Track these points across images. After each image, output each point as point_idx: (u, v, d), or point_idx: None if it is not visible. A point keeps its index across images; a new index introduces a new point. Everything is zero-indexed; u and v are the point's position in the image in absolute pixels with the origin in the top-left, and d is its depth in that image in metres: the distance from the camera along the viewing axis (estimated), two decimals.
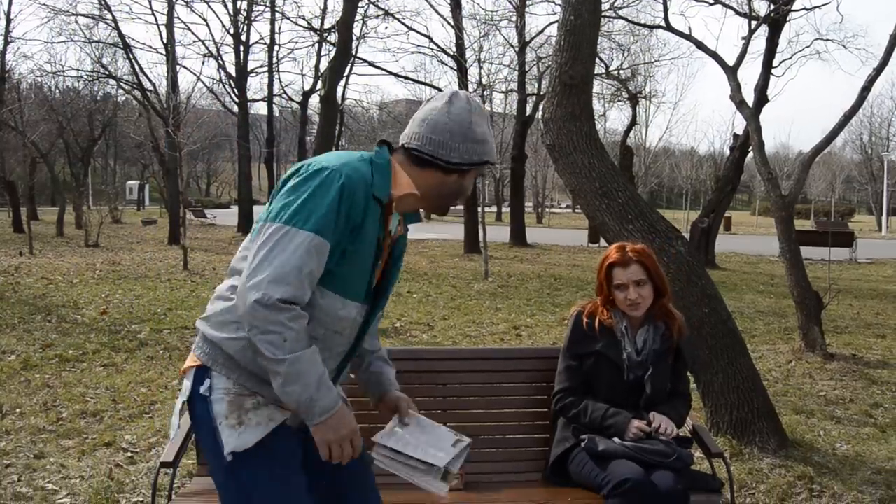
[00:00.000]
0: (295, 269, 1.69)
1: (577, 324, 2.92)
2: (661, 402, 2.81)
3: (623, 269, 2.81)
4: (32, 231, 19.93)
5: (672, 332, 2.85)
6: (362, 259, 1.84)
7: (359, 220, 1.79)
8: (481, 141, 1.92)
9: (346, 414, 1.78)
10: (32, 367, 6.43)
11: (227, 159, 74.29)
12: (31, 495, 3.78)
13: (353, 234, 1.79)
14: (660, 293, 2.85)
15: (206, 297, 11.00)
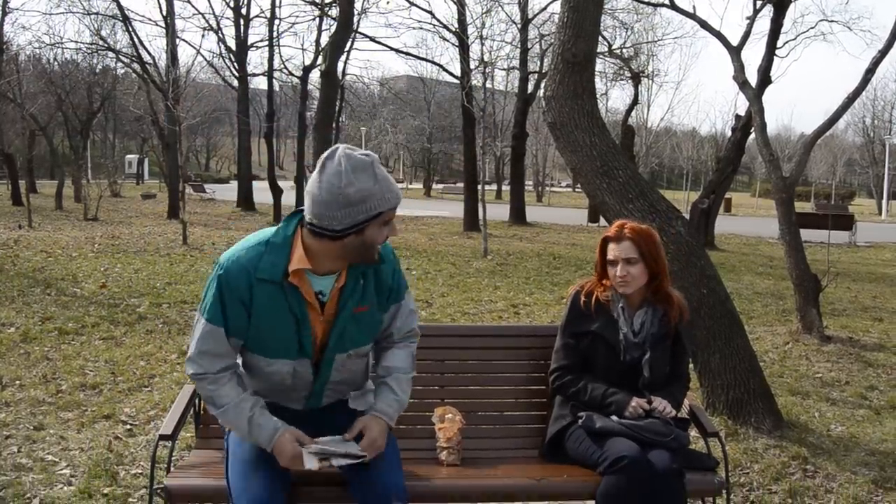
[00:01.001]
0: (197, 352, 2.22)
1: (574, 302, 2.92)
2: (659, 384, 2.82)
3: (616, 244, 2.82)
4: (31, 204, 19.89)
5: (671, 316, 2.84)
6: (272, 327, 2.18)
7: (246, 300, 2.15)
8: (360, 201, 2.06)
9: (285, 445, 2.18)
10: (32, 340, 6.45)
11: (226, 134, 74.02)
12: (31, 466, 3.81)
13: (249, 311, 2.16)
14: (654, 276, 2.83)
15: (204, 271, 11.02)
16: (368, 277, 2.28)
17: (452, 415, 2.81)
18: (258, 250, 2.20)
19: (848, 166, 64.36)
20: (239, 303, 2.16)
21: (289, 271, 2.16)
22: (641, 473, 2.45)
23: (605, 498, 2.47)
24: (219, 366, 2.23)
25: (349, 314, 2.24)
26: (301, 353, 2.23)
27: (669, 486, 2.46)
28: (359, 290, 2.25)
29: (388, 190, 2.10)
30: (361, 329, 2.31)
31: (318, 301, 2.23)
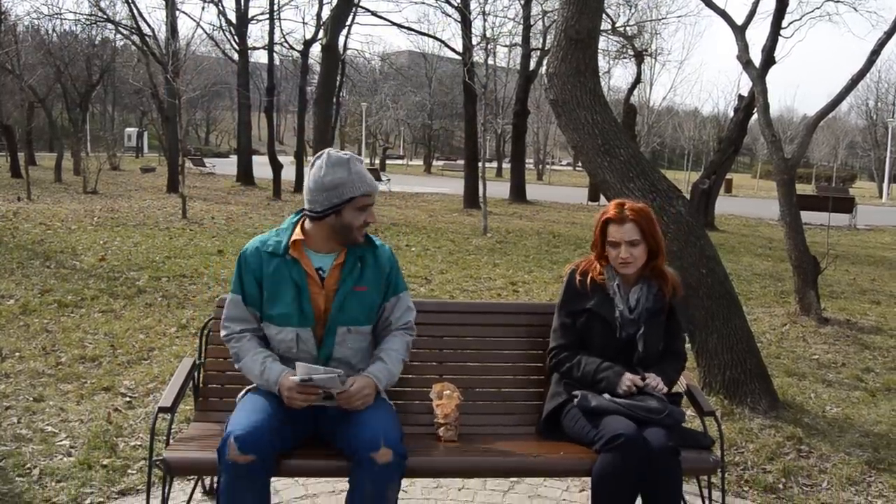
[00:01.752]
0: (225, 318, 2.70)
1: (570, 282, 2.92)
2: (654, 360, 2.83)
3: (618, 226, 2.80)
4: (30, 176, 19.82)
5: (665, 292, 2.85)
6: (277, 295, 2.59)
7: (259, 273, 2.61)
8: (335, 186, 2.53)
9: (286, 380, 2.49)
10: (31, 312, 6.46)
11: (226, 108, 73.59)
12: (31, 437, 3.83)
13: (261, 283, 2.61)
14: (653, 254, 2.84)
15: (204, 245, 11.01)
16: (367, 261, 2.66)
17: (450, 391, 2.82)
18: (270, 234, 2.69)
19: (850, 149, 64.15)
20: (252, 277, 2.62)
21: (289, 246, 2.59)
22: (637, 451, 2.46)
23: (600, 475, 2.49)
24: (240, 327, 2.66)
25: (349, 289, 2.60)
26: (302, 320, 2.57)
27: (665, 464, 2.48)
28: (357, 271, 2.63)
29: (359, 180, 2.55)
30: (360, 307, 2.63)
31: (319, 276, 2.61)
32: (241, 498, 2.35)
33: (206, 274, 8.65)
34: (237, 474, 2.33)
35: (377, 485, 2.37)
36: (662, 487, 2.48)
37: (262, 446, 2.35)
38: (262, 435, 2.36)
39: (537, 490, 3.46)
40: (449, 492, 3.42)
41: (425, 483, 3.47)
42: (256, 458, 2.33)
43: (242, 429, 2.35)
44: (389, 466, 2.36)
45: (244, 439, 2.32)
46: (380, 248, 2.72)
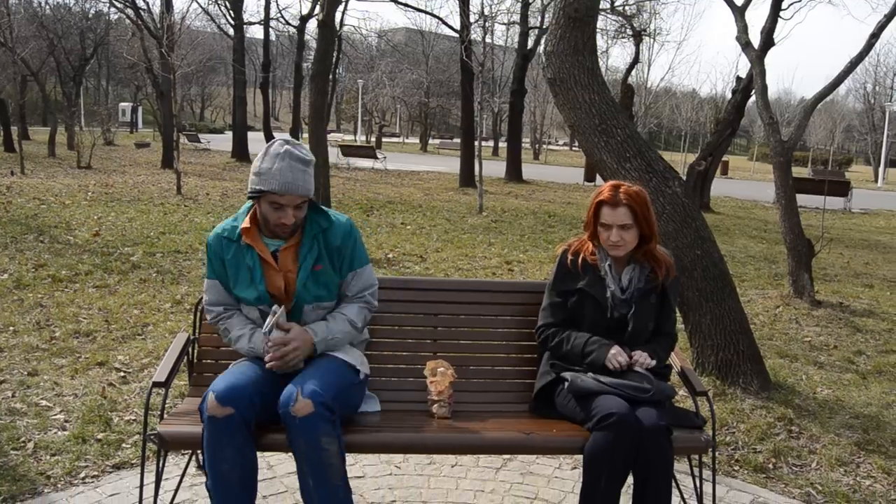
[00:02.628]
0: (207, 301, 2.81)
1: (562, 261, 2.92)
2: (643, 340, 2.84)
3: (611, 209, 2.79)
4: (24, 151, 19.69)
5: (658, 273, 2.85)
6: (237, 277, 2.71)
7: (222, 257, 2.72)
8: (257, 173, 2.58)
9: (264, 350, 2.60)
10: (25, 287, 6.45)
11: (221, 83, 73.06)
12: (26, 411, 3.84)
13: (225, 266, 2.72)
14: (645, 239, 2.83)
15: (199, 221, 10.98)
16: (320, 240, 2.70)
17: (444, 368, 2.83)
18: (230, 220, 2.77)
19: (847, 132, 64.12)
20: (219, 261, 2.73)
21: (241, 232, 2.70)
22: (629, 430, 2.48)
23: (592, 454, 2.50)
24: (222, 307, 2.78)
25: (309, 269, 2.67)
26: (260, 300, 2.68)
27: (657, 443, 2.49)
28: (315, 251, 2.69)
29: (275, 177, 2.53)
30: (320, 285, 2.70)
31: (275, 258, 2.70)
32: (222, 452, 2.39)
33: (200, 250, 8.63)
34: (216, 428, 2.38)
35: (307, 439, 2.37)
36: (654, 466, 2.50)
37: (240, 400, 2.40)
38: (240, 390, 2.43)
39: (529, 467, 3.49)
40: (442, 468, 3.44)
41: (418, 459, 3.49)
42: (235, 411, 2.38)
43: (221, 384, 2.45)
44: (312, 418, 2.37)
45: (222, 392, 2.40)
46: (335, 224, 2.73)
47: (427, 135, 56.80)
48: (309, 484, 2.41)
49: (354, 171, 25.86)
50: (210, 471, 2.42)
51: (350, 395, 2.65)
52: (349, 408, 2.66)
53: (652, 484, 2.51)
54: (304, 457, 2.40)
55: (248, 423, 2.42)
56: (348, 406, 2.64)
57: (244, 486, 2.44)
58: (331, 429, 2.40)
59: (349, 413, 2.67)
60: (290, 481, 3.23)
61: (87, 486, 3.13)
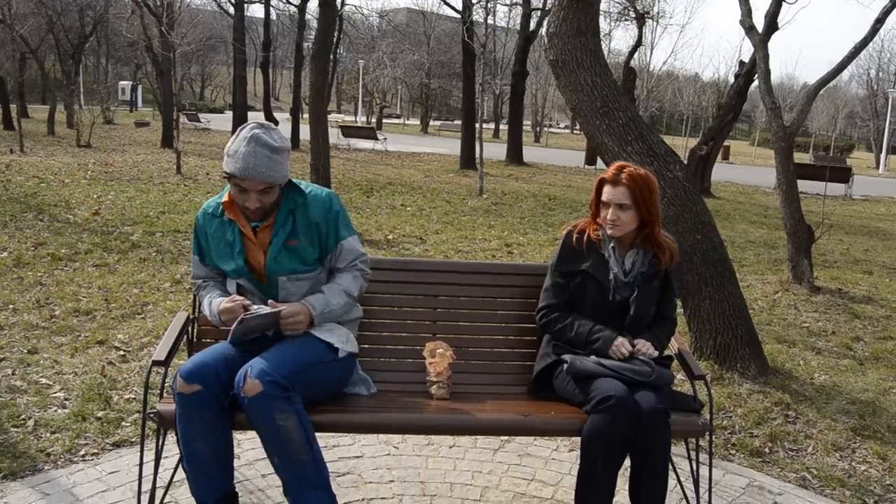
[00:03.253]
0: (192, 275, 2.91)
1: (566, 242, 2.91)
2: (644, 324, 2.84)
3: (612, 187, 2.81)
4: (23, 129, 19.61)
5: (661, 258, 2.85)
6: (218, 250, 2.76)
7: (205, 231, 2.79)
8: (226, 154, 2.59)
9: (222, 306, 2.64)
10: (25, 265, 6.45)
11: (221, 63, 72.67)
12: (26, 388, 3.85)
13: (209, 241, 2.78)
14: (644, 223, 2.82)
15: (198, 201, 10.96)
16: (298, 215, 2.70)
17: (443, 350, 2.83)
18: (215, 198, 2.81)
19: (849, 119, 63.88)
20: (204, 236, 2.80)
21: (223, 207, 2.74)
22: (627, 413, 2.49)
23: (590, 436, 2.51)
24: (201, 280, 2.87)
25: (280, 243, 2.68)
26: (239, 273, 2.72)
27: (654, 426, 2.50)
28: (288, 225, 2.69)
29: (237, 160, 2.53)
30: (293, 258, 2.70)
31: (255, 232, 2.72)
32: (192, 429, 2.42)
33: None
34: (185, 405, 2.42)
35: (262, 418, 2.39)
36: (651, 449, 2.51)
37: (207, 377, 2.44)
38: (207, 367, 2.47)
39: (527, 449, 3.50)
40: (440, 449, 3.46)
41: (416, 440, 3.51)
42: (202, 388, 2.42)
43: (189, 363, 2.49)
44: (261, 397, 2.37)
45: (189, 370, 2.44)
46: (310, 199, 2.72)
47: (428, 116, 56.59)
48: (275, 462, 2.44)
49: (354, 153, 25.79)
50: (184, 450, 2.46)
51: (319, 373, 2.59)
52: (319, 384, 2.60)
53: (649, 466, 2.53)
54: (264, 436, 2.42)
55: (218, 399, 2.45)
56: (317, 382, 2.57)
57: (218, 463, 2.47)
58: (285, 405, 2.39)
59: (326, 391, 2.65)
60: None
61: (86, 463, 3.15)
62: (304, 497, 2.42)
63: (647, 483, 2.54)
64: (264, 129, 2.60)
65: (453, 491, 3.09)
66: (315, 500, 2.42)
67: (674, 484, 3.08)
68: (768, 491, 3.25)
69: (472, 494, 3.07)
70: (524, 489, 3.13)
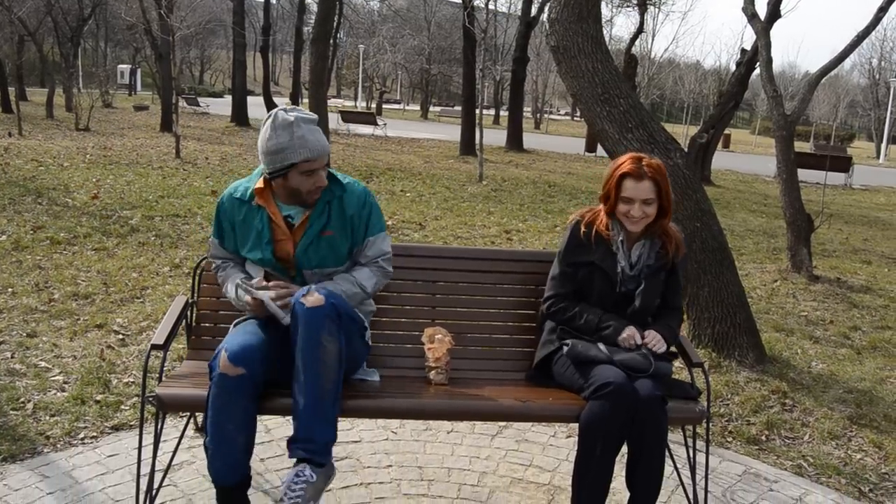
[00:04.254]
0: (210, 255, 2.87)
1: (574, 232, 2.87)
2: (648, 315, 2.83)
3: (635, 182, 2.71)
4: (21, 112, 19.54)
5: (668, 250, 2.83)
6: (245, 238, 2.71)
7: (233, 218, 2.73)
8: (276, 151, 2.52)
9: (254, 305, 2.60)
10: (24, 249, 6.44)
11: (221, 46, 72.30)
12: (25, 371, 3.86)
13: (235, 226, 2.73)
14: (663, 212, 2.78)
15: (198, 185, 10.94)
16: (334, 206, 2.67)
17: (442, 335, 2.84)
18: (243, 181, 2.76)
19: (850, 108, 63.73)
20: (228, 222, 2.74)
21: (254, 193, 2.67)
22: (626, 399, 2.49)
23: (588, 422, 2.52)
24: (222, 260, 2.84)
25: (315, 234, 2.65)
26: (267, 263, 2.68)
27: (652, 412, 2.51)
28: (325, 216, 2.66)
29: (301, 146, 2.51)
30: (326, 251, 2.67)
31: (287, 223, 2.67)
32: (228, 410, 2.37)
33: (199, 214, 8.61)
34: (226, 387, 2.36)
35: (308, 330, 2.37)
36: (648, 436, 2.52)
37: (252, 362, 2.38)
38: (253, 351, 2.41)
39: (525, 435, 3.52)
40: (438, 434, 3.47)
41: (415, 425, 3.52)
42: (246, 371, 2.36)
43: (235, 343, 2.42)
44: (318, 311, 2.37)
45: (236, 352, 2.38)
46: (348, 191, 2.69)
47: (428, 102, 56.40)
48: (300, 380, 2.37)
49: (354, 138, 25.72)
50: (213, 429, 2.37)
51: (355, 342, 2.63)
52: (351, 350, 2.59)
53: (646, 453, 2.54)
54: (302, 350, 2.37)
55: (257, 385, 2.41)
56: (350, 348, 2.57)
57: (246, 449, 2.44)
58: (335, 328, 2.39)
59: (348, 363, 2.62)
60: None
61: (86, 446, 3.16)
62: (316, 426, 2.36)
63: (644, 469, 2.55)
64: (296, 108, 2.58)
65: (451, 476, 3.10)
66: (323, 433, 2.37)
67: (670, 471, 3.09)
68: (764, 478, 3.27)
69: (470, 479, 3.08)
70: (521, 475, 3.15)
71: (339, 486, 2.96)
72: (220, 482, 2.43)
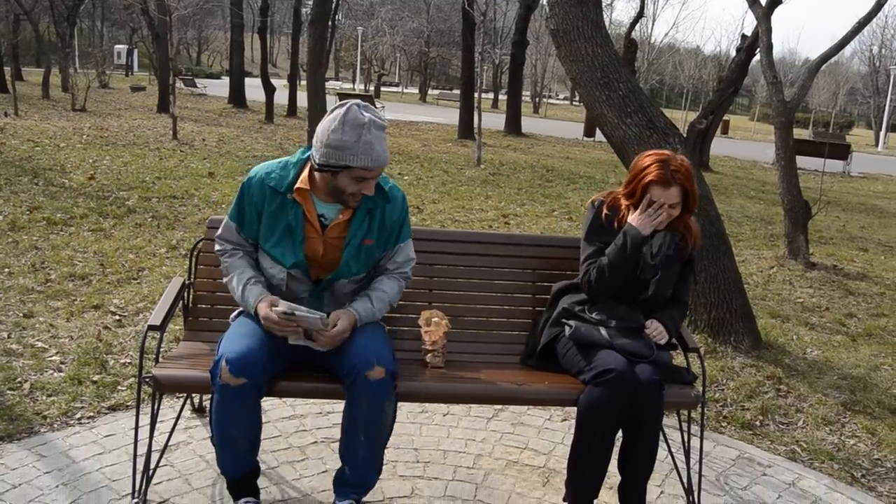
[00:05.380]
0: (218, 236, 2.69)
1: (598, 213, 2.83)
2: (658, 305, 2.82)
3: (663, 189, 2.67)
4: (17, 92, 19.41)
5: (687, 243, 2.82)
6: (273, 232, 2.55)
7: (260, 207, 2.55)
8: (337, 147, 2.38)
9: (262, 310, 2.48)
10: (20, 229, 6.43)
11: (218, 27, 71.85)
12: (22, 352, 3.86)
13: (260, 216, 2.56)
14: (688, 210, 2.77)
15: (195, 167, 10.90)
16: (375, 215, 2.58)
17: (439, 319, 2.84)
18: (277, 165, 2.59)
19: (850, 95, 63.60)
20: (254, 210, 2.57)
21: (293, 188, 2.53)
22: (626, 385, 2.50)
23: (588, 407, 2.53)
24: (232, 246, 2.67)
25: (356, 245, 2.57)
26: (294, 263, 2.55)
27: (650, 397, 2.52)
28: (365, 225, 2.57)
29: (364, 152, 2.37)
30: (365, 260, 2.62)
31: (321, 223, 2.56)
32: (232, 417, 2.41)
33: (196, 196, 8.59)
34: (228, 396, 2.37)
35: (373, 401, 2.43)
36: (644, 419, 2.53)
37: (253, 370, 2.37)
38: (254, 360, 2.38)
39: (520, 418, 3.53)
40: (434, 417, 3.49)
41: (411, 408, 3.53)
42: (248, 381, 2.36)
43: (235, 353, 2.37)
44: (382, 383, 2.42)
45: (235, 363, 2.35)
46: (392, 201, 2.61)
47: (426, 85, 56.16)
48: (360, 440, 2.46)
49: None
50: (218, 432, 2.43)
51: None
52: None
53: (641, 436, 2.55)
54: (363, 415, 2.44)
55: (260, 390, 2.43)
56: None
57: (251, 448, 2.50)
58: (393, 394, 2.49)
59: None
60: (284, 426, 3.27)
61: (83, 426, 3.17)
62: (371, 474, 2.54)
63: (639, 453, 2.56)
64: (372, 111, 2.43)
65: (447, 458, 3.12)
66: (374, 479, 2.55)
67: (665, 455, 3.11)
68: (758, 463, 3.29)
69: (466, 462, 3.10)
70: (517, 457, 3.17)
71: (335, 467, 2.98)
72: (229, 476, 2.52)
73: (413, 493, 2.83)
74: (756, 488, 3.06)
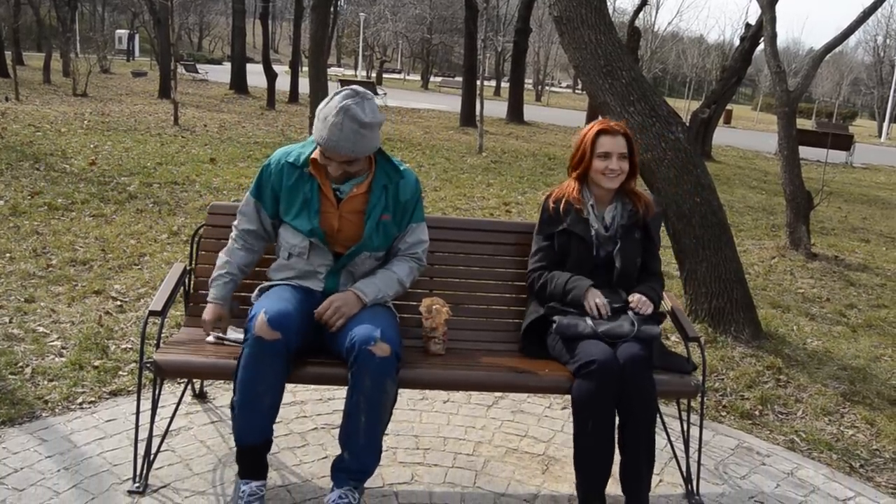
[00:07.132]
0: (238, 211, 2.80)
1: (545, 206, 2.97)
2: (632, 277, 2.86)
3: (612, 137, 2.86)
4: (18, 76, 19.35)
5: (638, 208, 2.90)
6: (291, 207, 2.66)
7: (278, 186, 2.68)
8: (321, 119, 2.49)
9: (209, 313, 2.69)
10: (21, 214, 6.42)
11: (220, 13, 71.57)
12: (23, 337, 3.87)
13: (278, 196, 2.69)
14: (632, 172, 2.90)
15: (196, 153, 10.89)
16: (390, 191, 2.68)
17: (440, 306, 2.84)
18: (299, 145, 2.73)
19: (853, 86, 63.36)
20: (271, 189, 2.70)
21: (309, 161, 2.65)
22: (610, 374, 2.50)
23: (578, 399, 2.53)
24: (244, 227, 2.77)
25: (377, 220, 2.66)
26: (311, 234, 2.64)
27: (635, 374, 2.50)
28: (383, 200, 2.67)
29: (325, 134, 2.47)
30: (384, 234, 2.71)
31: (336, 196, 2.66)
32: (260, 373, 2.39)
33: (197, 182, 8.58)
34: (261, 350, 2.38)
35: (375, 378, 2.41)
36: (636, 400, 2.51)
37: (289, 329, 2.41)
38: (291, 319, 2.43)
39: (520, 406, 3.54)
40: (434, 404, 3.50)
41: (411, 395, 3.54)
42: (282, 337, 2.38)
43: (275, 309, 2.42)
44: (386, 361, 2.42)
45: (274, 316, 2.39)
46: (405, 177, 2.72)
47: (429, 72, 55.95)
48: (360, 420, 2.44)
49: None
50: (242, 388, 2.41)
51: None
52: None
53: (633, 416, 2.53)
54: (365, 394, 2.42)
55: (290, 352, 2.44)
56: None
57: (271, 414, 2.47)
58: (396, 375, 2.48)
59: None
60: (285, 412, 3.28)
61: (84, 411, 3.18)
62: (370, 459, 2.51)
63: (632, 432, 2.54)
64: (358, 98, 2.50)
65: (447, 445, 3.13)
66: (373, 464, 2.52)
67: (664, 443, 3.12)
68: (756, 452, 3.30)
69: (465, 449, 3.11)
70: (517, 445, 3.18)
71: (335, 453, 2.98)
72: (243, 441, 2.46)
73: (413, 479, 2.85)
74: (755, 477, 3.07)
